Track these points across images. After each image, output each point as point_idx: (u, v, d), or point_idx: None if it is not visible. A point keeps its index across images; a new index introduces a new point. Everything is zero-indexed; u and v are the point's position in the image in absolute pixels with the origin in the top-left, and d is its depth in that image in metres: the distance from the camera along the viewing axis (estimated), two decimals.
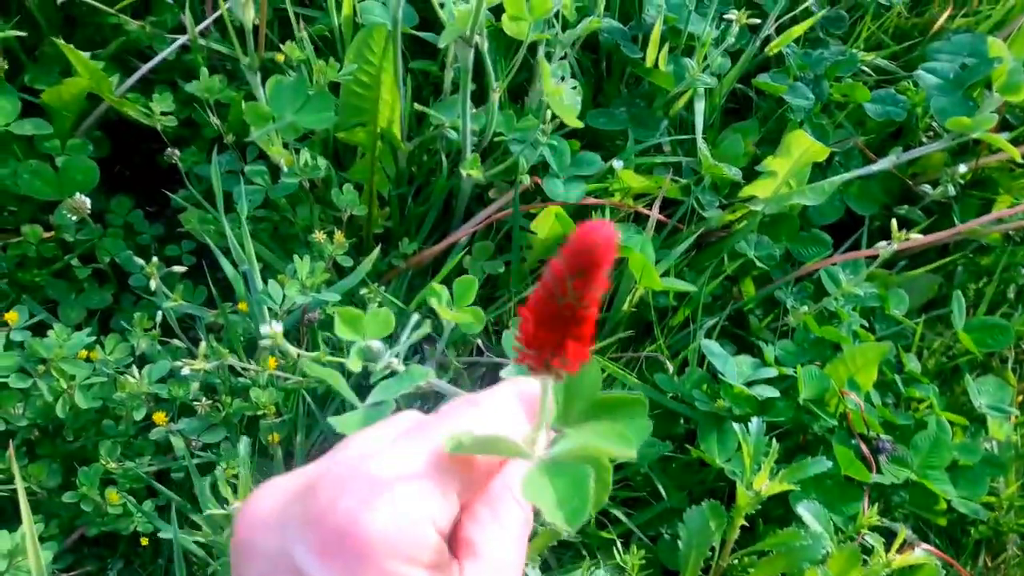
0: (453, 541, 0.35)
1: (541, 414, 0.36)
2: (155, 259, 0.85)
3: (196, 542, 0.82)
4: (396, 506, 0.32)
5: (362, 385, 1.00)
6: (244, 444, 0.78)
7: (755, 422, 0.84)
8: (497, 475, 0.37)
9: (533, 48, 1.03)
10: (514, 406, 0.38)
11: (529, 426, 0.37)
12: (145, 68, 1.04)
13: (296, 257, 0.86)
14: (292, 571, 0.32)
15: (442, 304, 0.78)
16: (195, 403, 0.87)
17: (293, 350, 0.71)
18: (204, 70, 0.96)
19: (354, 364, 0.61)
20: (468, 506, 0.36)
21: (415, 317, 0.71)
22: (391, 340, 0.74)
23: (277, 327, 0.65)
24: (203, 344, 0.78)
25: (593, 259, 0.29)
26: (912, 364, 1.03)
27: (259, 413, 0.89)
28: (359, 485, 0.32)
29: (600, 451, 0.33)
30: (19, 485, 0.67)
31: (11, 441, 0.83)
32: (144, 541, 0.87)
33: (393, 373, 0.71)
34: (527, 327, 0.31)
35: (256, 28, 0.90)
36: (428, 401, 1.03)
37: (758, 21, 1.04)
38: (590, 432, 0.39)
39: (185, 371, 0.76)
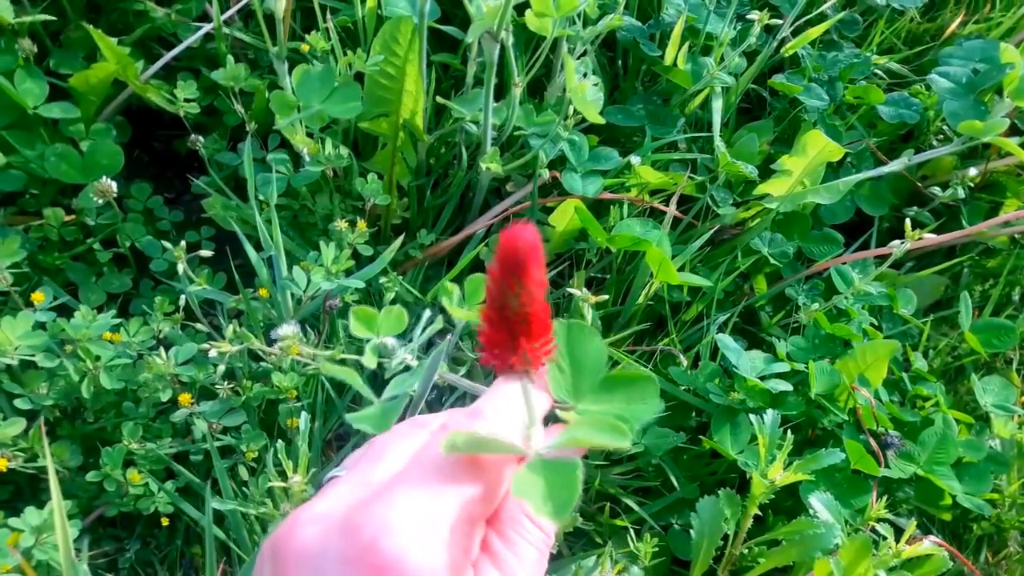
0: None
1: (529, 411, 0.38)
2: (182, 243, 0.86)
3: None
4: (440, 552, 0.33)
5: (375, 375, 1.02)
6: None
7: (770, 414, 0.85)
8: (506, 500, 0.38)
9: (552, 44, 1.04)
10: (516, 406, 0.39)
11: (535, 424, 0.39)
12: (170, 55, 1.05)
13: (322, 244, 0.87)
14: None
15: (453, 303, 0.79)
16: (216, 387, 0.88)
17: (309, 350, 0.73)
18: (230, 58, 0.97)
19: (369, 361, 0.63)
20: (491, 521, 0.37)
21: (427, 313, 0.72)
22: (405, 336, 0.76)
23: (293, 329, 0.66)
24: (230, 327, 0.79)
25: (520, 261, 0.31)
26: (919, 363, 1.04)
27: (279, 397, 0.91)
28: (398, 526, 0.33)
29: (595, 444, 0.35)
30: (49, 463, 0.68)
31: (36, 421, 0.84)
32: (164, 521, 0.88)
33: (407, 368, 0.72)
34: (486, 334, 0.33)
35: (282, 18, 0.91)
36: (444, 393, 1.04)
37: (779, 22, 1.06)
38: (596, 412, 0.40)
39: (212, 353, 0.77)
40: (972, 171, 1.11)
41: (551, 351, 0.34)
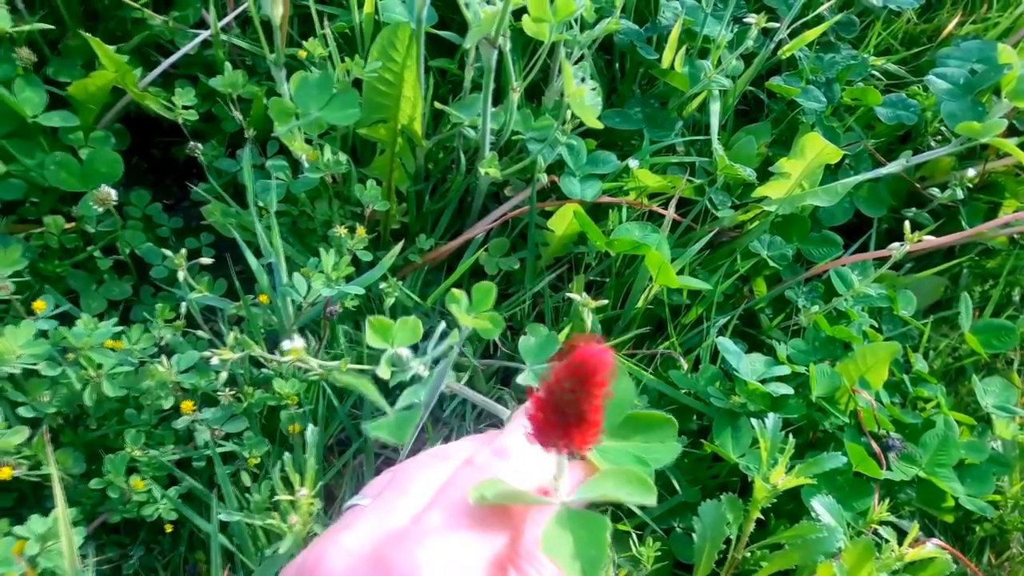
0: None
1: (559, 469, 0.38)
2: (183, 251, 0.86)
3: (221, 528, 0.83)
4: None
5: (376, 380, 1.02)
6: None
7: (771, 418, 0.86)
8: (527, 529, 0.38)
9: (549, 49, 1.04)
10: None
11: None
12: (167, 62, 1.05)
13: (322, 250, 0.87)
14: None
15: (461, 310, 0.79)
16: (218, 393, 0.89)
17: (315, 362, 0.73)
18: (228, 65, 0.98)
19: (384, 372, 0.63)
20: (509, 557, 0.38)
21: (442, 325, 0.73)
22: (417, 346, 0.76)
23: (298, 343, 0.67)
24: (232, 335, 0.80)
25: (591, 375, 0.31)
26: (920, 364, 1.04)
27: (281, 404, 0.91)
28: (428, 568, 0.33)
29: (620, 500, 0.35)
30: (53, 471, 0.68)
31: (38, 429, 0.84)
32: (168, 528, 0.88)
33: (417, 377, 0.73)
34: (537, 416, 0.33)
35: (279, 25, 0.92)
36: (446, 400, 1.04)
37: (776, 25, 1.06)
38: (616, 451, 0.40)
39: (214, 361, 0.77)
40: (970, 172, 1.11)
41: (596, 442, 0.34)
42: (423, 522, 0.35)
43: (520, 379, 0.85)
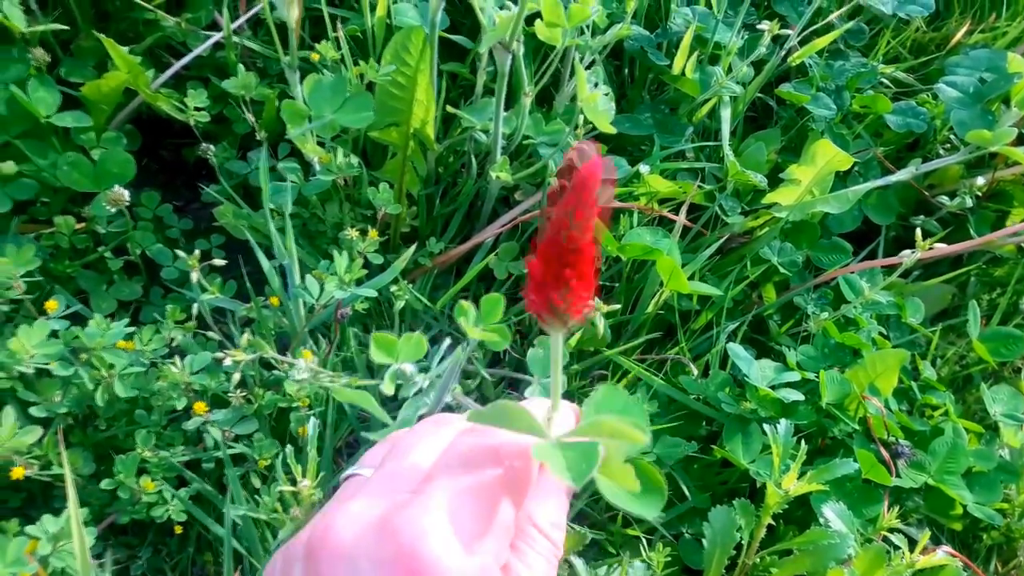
0: None
1: (555, 380, 0.38)
2: (196, 252, 0.86)
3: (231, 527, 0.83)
4: (475, 557, 0.33)
5: (383, 399, 1.02)
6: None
7: (783, 424, 0.86)
8: (520, 511, 0.38)
9: (561, 53, 1.04)
10: (537, 412, 0.39)
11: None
12: (179, 64, 1.05)
13: (335, 253, 0.88)
14: None
15: (469, 322, 0.79)
16: (228, 395, 0.89)
17: (327, 378, 0.73)
18: (241, 67, 0.98)
19: (388, 388, 0.63)
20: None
21: (447, 342, 0.73)
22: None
23: (306, 373, 0.67)
24: (245, 336, 0.80)
25: (591, 190, 0.31)
26: (928, 372, 1.05)
27: (291, 406, 0.91)
28: (434, 531, 0.33)
29: (615, 428, 0.35)
30: (67, 471, 0.68)
31: (50, 429, 0.84)
32: (178, 529, 0.88)
33: (420, 391, 0.73)
34: (534, 274, 0.33)
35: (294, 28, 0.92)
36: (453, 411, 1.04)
37: (789, 32, 1.06)
38: (604, 419, 0.40)
39: (227, 362, 0.77)
40: (979, 180, 1.11)
41: (591, 301, 0.34)
42: (427, 488, 0.35)
43: (528, 392, 0.86)
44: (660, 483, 0.38)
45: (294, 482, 0.75)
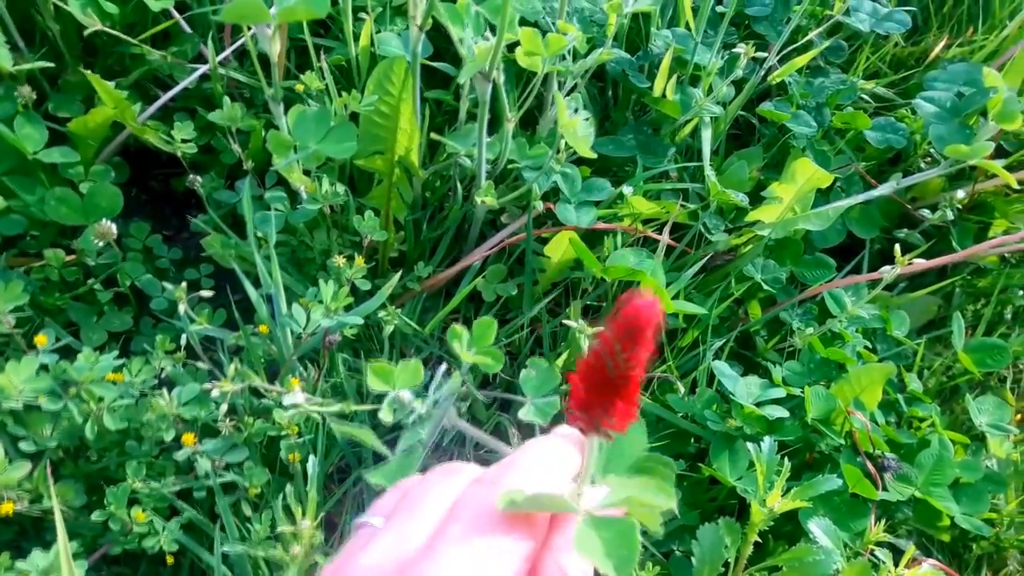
0: None
1: (586, 469, 0.39)
2: (183, 285, 0.87)
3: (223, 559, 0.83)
4: None
5: (375, 424, 1.02)
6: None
7: (767, 441, 0.86)
8: (548, 553, 0.38)
9: (542, 78, 1.06)
10: (554, 464, 0.40)
11: (570, 481, 0.39)
12: (166, 97, 1.07)
13: (321, 281, 0.89)
14: None
15: (463, 346, 0.80)
16: (218, 424, 0.89)
17: (315, 410, 0.74)
18: (226, 99, 0.99)
19: (386, 415, 0.64)
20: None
21: (443, 367, 0.74)
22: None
23: (300, 397, 0.68)
24: (232, 366, 0.80)
25: (642, 328, 0.32)
26: (914, 384, 1.05)
27: (281, 433, 0.91)
28: None
29: (644, 502, 0.36)
30: (56, 506, 0.69)
31: (39, 463, 0.85)
32: (170, 559, 0.88)
33: (419, 418, 0.74)
34: (578, 393, 0.34)
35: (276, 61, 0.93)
36: (445, 434, 1.05)
37: (765, 55, 1.08)
38: (632, 485, 0.41)
39: (215, 393, 0.78)
40: (960, 193, 1.13)
41: (636, 415, 0.35)
42: (441, 539, 0.35)
43: (521, 414, 0.86)
44: (635, 545, 0.38)
45: (291, 516, 0.75)
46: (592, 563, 0.34)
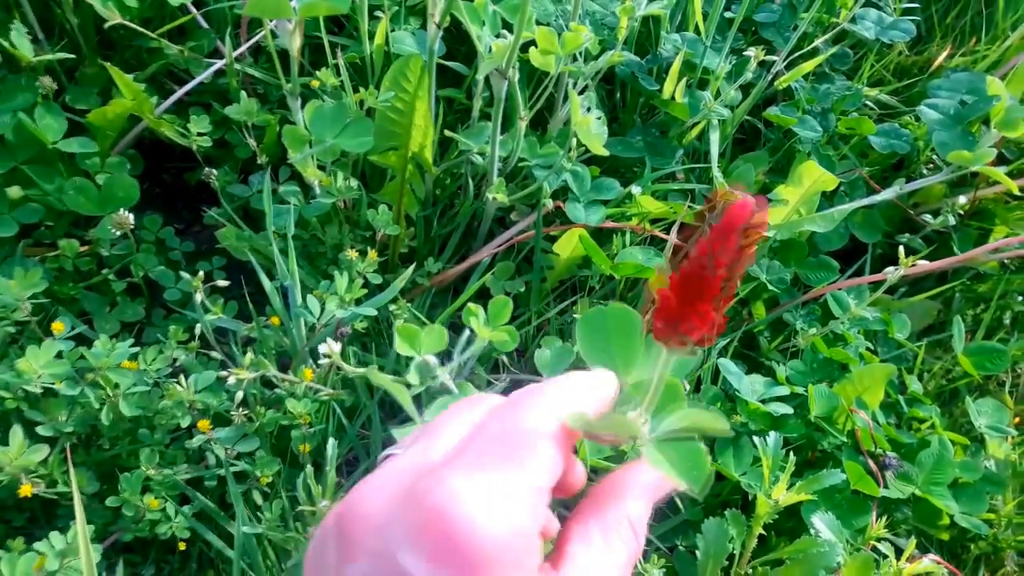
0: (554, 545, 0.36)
1: (651, 397, 0.38)
2: (200, 274, 0.88)
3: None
4: (510, 518, 0.32)
5: (385, 401, 1.03)
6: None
7: (772, 436, 0.88)
8: (614, 499, 0.38)
9: (555, 79, 1.08)
10: (584, 392, 0.38)
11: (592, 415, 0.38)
12: (183, 91, 1.08)
13: (335, 273, 0.90)
14: (397, 574, 0.32)
15: (480, 323, 0.81)
16: (231, 413, 0.90)
17: (349, 367, 0.75)
18: (243, 94, 1.01)
19: (413, 378, 0.65)
20: (580, 517, 0.37)
21: (467, 333, 0.75)
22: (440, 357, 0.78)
23: (335, 346, 0.69)
24: (248, 355, 0.82)
25: (743, 226, 0.32)
26: (915, 385, 1.07)
27: (293, 423, 0.93)
28: (464, 493, 0.32)
29: (705, 426, 0.36)
30: (75, 488, 0.70)
31: (55, 448, 0.86)
32: (182, 546, 0.90)
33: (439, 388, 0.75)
34: (669, 304, 0.33)
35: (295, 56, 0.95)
36: None
37: (774, 59, 1.10)
38: (688, 415, 0.41)
39: (231, 381, 0.79)
40: (961, 199, 1.15)
41: (721, 327, 0.34)
42: (462, 451, 0.34)
43: None
44: (706, 463, 0.38)
45: (301, 500, 0.77)
46: (673, 478, 0.34)
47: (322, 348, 0.70)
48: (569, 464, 0.38)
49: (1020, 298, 1.26)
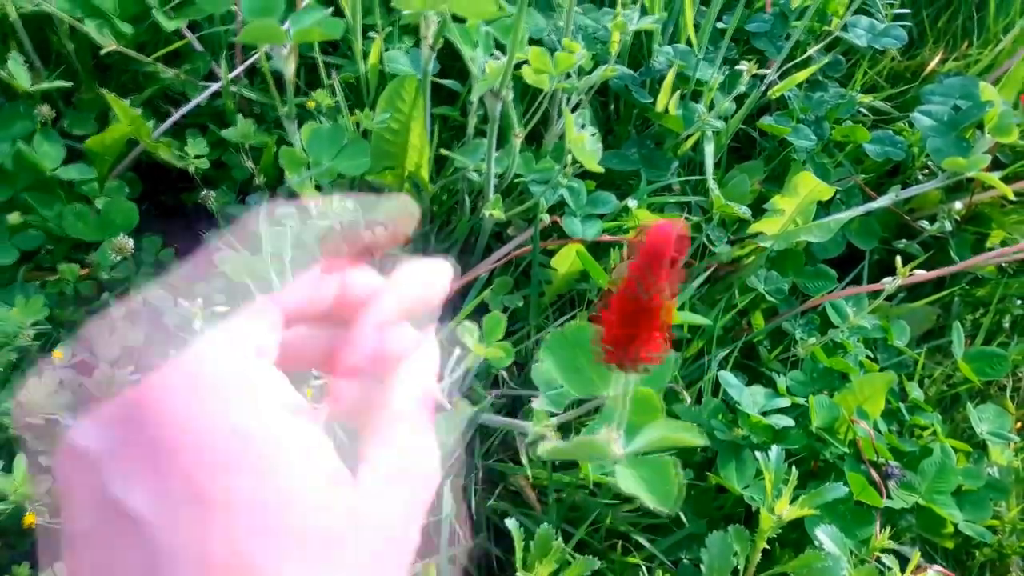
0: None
1: (620, 414, 0.39)
2: (199, 301, 0.88)
3: None
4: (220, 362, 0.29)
5: None
6: None
7: (774, 450, 0.88)
8: (381, 409, 0.34)
9: (549, 95, 1.08)
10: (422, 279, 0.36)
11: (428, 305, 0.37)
12: (179, 114, 1.09)
13: None
14: (118, 516, 0.24)
15: (474, 340, 0.82)
16: None
17: None
18: (239, 116, 1.01)
19: None
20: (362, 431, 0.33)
21: (457, 352, 0.75)
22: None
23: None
24: None
25: (664, 253, 0.33)
26: (915, 393, 1.07)
27: None
28: (172, 368, 0.27)
29: (676, 440, 0.37)
30: None
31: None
32: None
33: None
34: (611, 327, 0.35)
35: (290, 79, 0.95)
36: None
37: (767, 72, 1.10)
38: (660, 427, 0.42)
39: None
40: (957, 204, 1.15)
41: (665, 347, 0.36)
42: (203, 356, 0.29)
43: (535, 404, 0.88)
44: (674, 479, 0.39)
45: None
46: (640, 498, 0.34)
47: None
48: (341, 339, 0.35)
49: (1019, 302, 1.26)
